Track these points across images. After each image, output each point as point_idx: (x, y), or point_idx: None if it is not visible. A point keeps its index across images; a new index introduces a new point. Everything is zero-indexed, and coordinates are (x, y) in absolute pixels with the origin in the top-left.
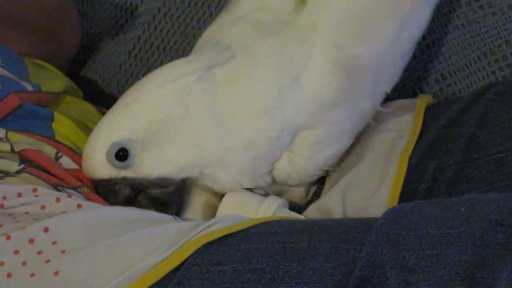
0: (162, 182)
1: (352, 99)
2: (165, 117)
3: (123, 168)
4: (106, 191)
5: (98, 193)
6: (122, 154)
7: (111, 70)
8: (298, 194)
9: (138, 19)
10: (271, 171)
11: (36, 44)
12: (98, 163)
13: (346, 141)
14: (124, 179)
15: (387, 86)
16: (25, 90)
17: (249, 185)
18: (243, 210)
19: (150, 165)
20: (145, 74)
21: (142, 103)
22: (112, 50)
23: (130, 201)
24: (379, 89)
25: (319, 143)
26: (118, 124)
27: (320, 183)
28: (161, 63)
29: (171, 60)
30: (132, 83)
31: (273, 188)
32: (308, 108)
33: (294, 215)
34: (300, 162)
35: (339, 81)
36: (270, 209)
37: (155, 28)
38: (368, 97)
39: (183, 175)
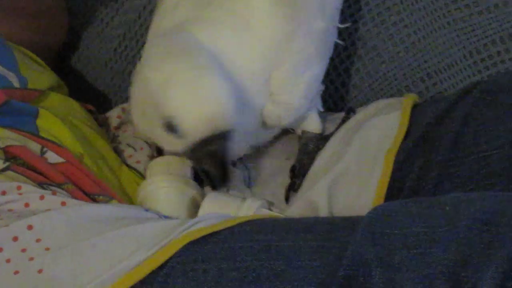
0: None
1: (305, 23)
2: None
3: None
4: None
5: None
6: None
7: (96, 67)
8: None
9: (123, 16)
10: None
11: (24, 30)
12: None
13: (318, 65)
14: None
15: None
16: (12, 86)
17: (254, 142)
18: (224, 212)
19: None
20: (130, 72)
21: None
22: (98, 48)
23: None
24: (328, 6)
25: (292, 75)
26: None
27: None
28: None
29: None
30: (117, 81)
31: None
32: (266, 50)
33: (274, 214)
34: (284, 99)
35: (284, 12)
36: (250, 210)
37: (141, 26)
38: (319, 17)
39: None
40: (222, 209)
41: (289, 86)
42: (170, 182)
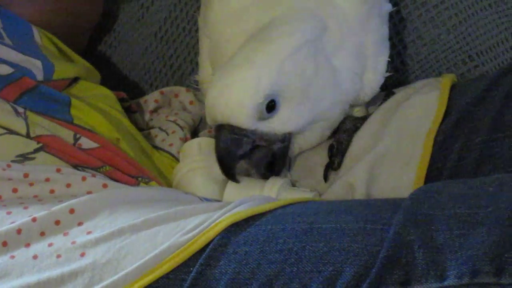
0: (284, 138)
1: (377, 5)
2: (302, 73)
3: (264, 120)
4: (232, 140)
5: (219, 139)
6: (271, 105)
7: (137, 52)
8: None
9: (163, 1)
10: None
11: (58, 12)
12: (247, 111)
13: (388, 48)
14: (253, 132)
15: None
16: (35, 80)
17: (328, 132)
18: (248, 194)
19: (285, 121)
20: (171, 56)
21: (284, 58)
22: (138, 32)
23: (244, 157)
24: None
25: (374, 51)
26: (269, 75)
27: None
28: (187, 45)
29: (197, 42)
30: (158, 66)
31: None
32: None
33: (301, 190)
34: (369, 77)
35: None
36: (273, 189)
37: (181, 10)
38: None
39: (301, 130)
40: (245, 190)
41: (373, 63)
42: (203, 163)
